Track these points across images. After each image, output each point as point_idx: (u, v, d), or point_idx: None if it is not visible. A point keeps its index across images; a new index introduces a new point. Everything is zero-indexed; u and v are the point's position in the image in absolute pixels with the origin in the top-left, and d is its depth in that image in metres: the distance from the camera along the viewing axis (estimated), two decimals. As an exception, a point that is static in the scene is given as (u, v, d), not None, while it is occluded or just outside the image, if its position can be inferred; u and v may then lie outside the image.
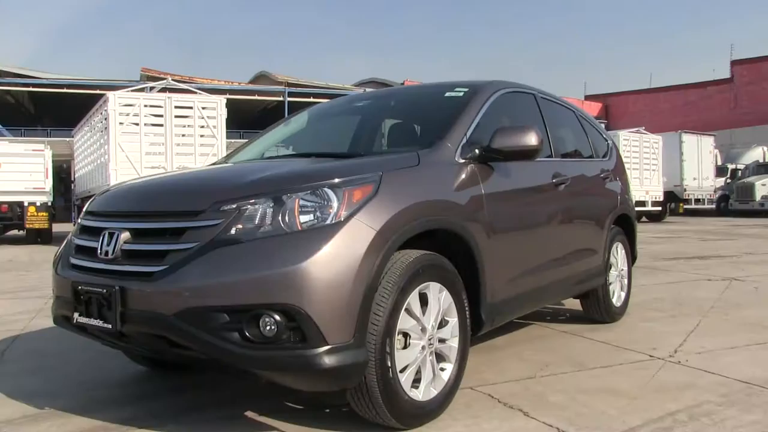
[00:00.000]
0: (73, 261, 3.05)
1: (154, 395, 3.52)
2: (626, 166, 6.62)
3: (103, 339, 2.99)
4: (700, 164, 25.29)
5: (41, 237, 17.20)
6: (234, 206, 2.63)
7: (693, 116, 41.62)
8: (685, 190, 24.48)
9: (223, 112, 14.85)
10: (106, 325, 2.70)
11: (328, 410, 3.18)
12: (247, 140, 4.83)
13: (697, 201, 25.47)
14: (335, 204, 2.64)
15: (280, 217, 2.59)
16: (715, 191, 26.44)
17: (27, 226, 16.68)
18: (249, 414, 3.15)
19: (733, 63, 42.69)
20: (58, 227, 18.74)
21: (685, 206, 25.50)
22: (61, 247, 3.38)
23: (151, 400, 3.44)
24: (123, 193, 3.19)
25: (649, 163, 22.43)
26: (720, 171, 28.25)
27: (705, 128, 31.24)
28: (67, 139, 24.75)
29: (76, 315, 2.86)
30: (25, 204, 16.56)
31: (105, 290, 2.69)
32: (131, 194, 3.14)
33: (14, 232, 18.05)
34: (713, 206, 26.80)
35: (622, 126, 35.28)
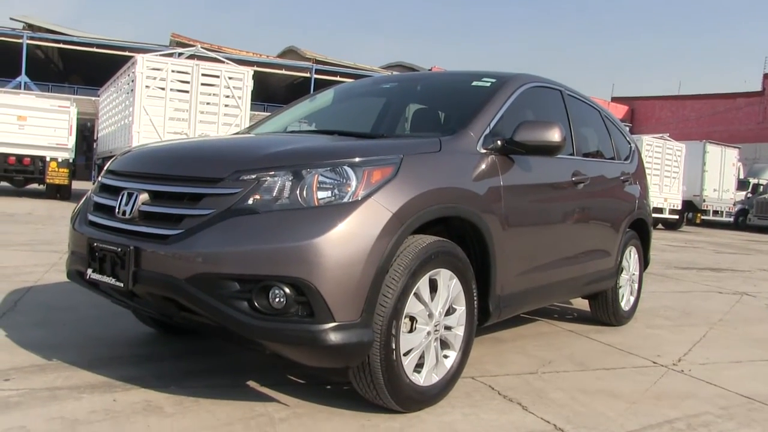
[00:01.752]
0: (91, 218, 3.08)
1: (159, 357, 3.57)
2: (647, 171, 6.57)
3: (114, 297, 3.02)
4: (721, 176, 25.04)
5: (60, 193, 17.37)
6: (253, 177, 2.65)
7: (719, 127, 41.18)
8: (704, 200, 24.26)
9: (250, 84, 14.89)
10: (118, 284, 2.74)
11: (329, 387, 3.21)
12: (271, 113, 4.84)
13: (716, 213, 25.25)
14: (354, 183, 2.65)
15: (298, 192, 2.60)
16: (734, 204, 26.19)
17: (47, 181, 16.85)
18: (251, 384, 3.19)
19: (766, 76, 42.08)
20: (77, 184, 18.94)
21: (703, 217, 25.30)
22: (80, 203, 3.41)
23: (156, 361, 3.49)
24: (145, 154, 3.21)
25: (670, 171, 22.24)
26: (741, 184, 27.94)
27: (731, 140, 30.91)
28: (93, 98, 24.93)
29: (89, 271, 2.90)
30: (47, 159, 16.71)
31: (120, 249, 2.72)
32: (153, 157, 3.15)
33: (34, 185, 18.23)
34: (731, 219, 26.57)
35: (647, 131, 35.05)
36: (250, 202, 2.60)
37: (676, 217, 22.84)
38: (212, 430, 2.59)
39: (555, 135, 3.42)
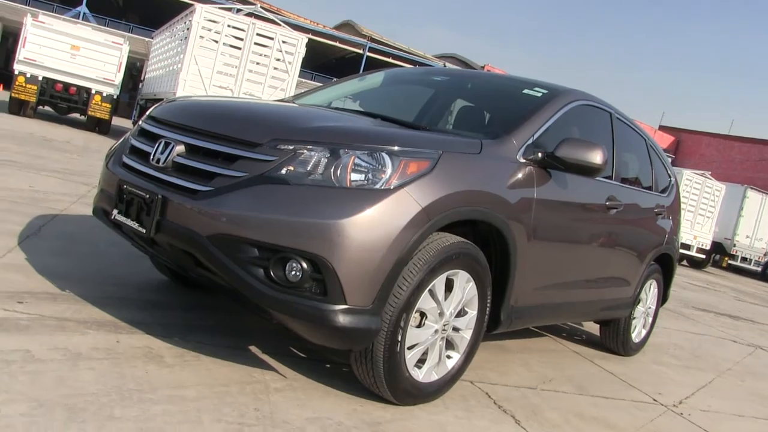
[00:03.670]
0: (125, 160, 3.11)
1: (168, 306, 3.61)
2: (682, 205, 6.48)
3: (135, 241, 3.06)
4: (757, 223, 24.62)
5: (100, 126, 17.58)
6: (290, 147, 2.65)
7: (764, 174, 40.35)
8: (734, 245, 23.88)
9: (302, 51, 14.89)
10: (140, 229, 2.76)
11: (328, 366, 3.23)
12: (320, 85, 4.84)
13: (744, 260, 24.83)
14: (389, 171, 2.64)
15: (332, 170, 2.59)
16: (765, 255, 25.72)
17: (89, 113, 17.07)
18: (253, 349, 3.21)
19: (820, 131, 41.06)
20: (117, 121, 19.11)
21: (730, 261, 24.89)
22: (117, 143, 3.44)
23: (165, 310, 3.53)
24: (188, 106, 3.21)
25: (705, 209, 21.89)
26: (776, 236, 27.41)
27: (774, 189, 30.27)
28: (147, 39, 25.13)
29: (115, 212, 2.93)
30: (92, 92, 16.94)
31: (148, 196, 2.75)
32: (196, 110, 3.15)
33: (76, 115, 18.45)
34: (759, 269, 26.07)
35: (690, 165, 34.52)
36: (283, 172, 2.60)
37: (703, 256, 22.50)
38: (208, 388, 2.61)
39: (597, 157, 3.38)
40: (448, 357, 3.09)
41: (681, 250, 18.85)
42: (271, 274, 2.51)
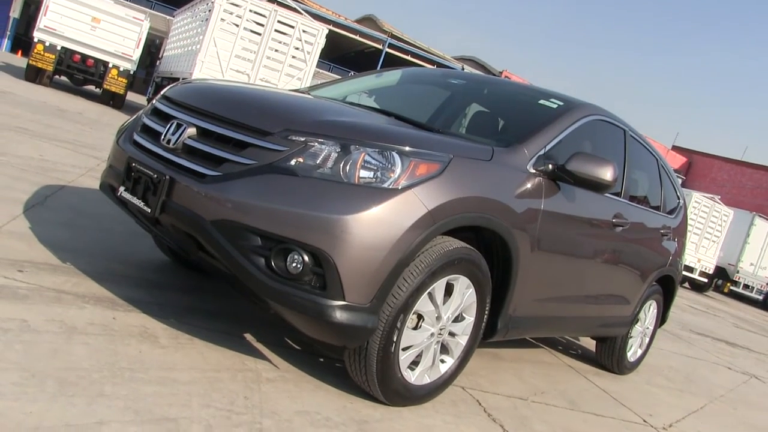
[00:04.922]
0: (136, 138, 3.11)
1: (167, 287, 3.61)
2: (688, 228, 6.46)
3: (139, 219, 3.06)
4: (762, 252, 24.52)
5: (114, 100, 17.60)
6: (302, 139, 2.64)
7: (775, 203, 40.14)
8: (737, 271, 23.79)
9: (322, 42, 14.90)
10: (145, 208, 2.77)
11: (322, 360, 3.23)
12: (338, 77, 4.83)
13: (746, 287, 24.74)
14: (398, 170, 2.63)
15: (341, 165, 2.59)
16: (768, 284, 25.64)
17: (104, 86, 17.08)
18: (248, 337, 3.21)
19: (834, 164, 40.82)
20: (132, 96, 19.11)
21: (732, 287, 24.81)
22: (130, 120, 3.44)
23: (163, 290, 3.53)
24: (203, 89, 3.21)
25: (711, 233, 21.84)
26: (781, 266, 27.27)
27: (783, 219, 30.11)
28: (168, 17, 25.16)
29: (121, 188, 2.93)
30: (110, 65, 16.96)
31: (155, 175, 2.75)
32: (210, 94, 3.14)
33: (91, 87, 18.47)
34: (760, 298, 25.98)
35: (700, 188, 34.37)
36: (293, 163, 2.59)
37: (705, 280, 22.43)
38: (200, 372, 2.61)
39: (607, 173, 3.36)
40: (442, 361, 3.09)
41: (684, 273, 18.78)
42: (272, 264, 2.50)
